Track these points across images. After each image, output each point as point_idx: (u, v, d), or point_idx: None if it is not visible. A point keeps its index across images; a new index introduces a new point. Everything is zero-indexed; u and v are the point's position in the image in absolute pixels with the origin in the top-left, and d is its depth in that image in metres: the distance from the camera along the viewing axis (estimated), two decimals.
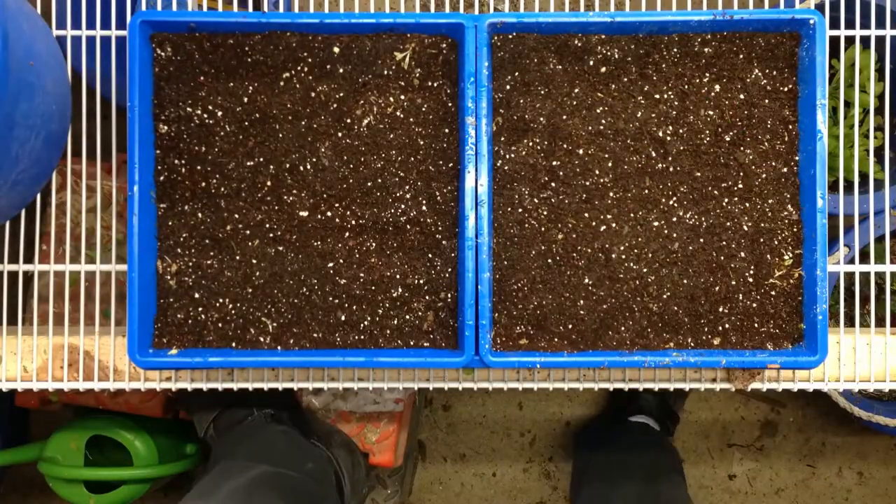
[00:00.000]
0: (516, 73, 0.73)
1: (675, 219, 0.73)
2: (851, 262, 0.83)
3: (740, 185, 0.73)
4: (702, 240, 0.73)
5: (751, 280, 0.73)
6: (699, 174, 0.73)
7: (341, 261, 0.73)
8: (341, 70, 0.73)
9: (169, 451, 1.09)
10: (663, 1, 0.81)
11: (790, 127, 0.73)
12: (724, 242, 0.73)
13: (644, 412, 1.17)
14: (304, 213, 0.73)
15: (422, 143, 0.73)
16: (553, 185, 0.73)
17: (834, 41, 0.78)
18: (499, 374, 0.78)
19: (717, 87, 0.73)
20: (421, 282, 0.73)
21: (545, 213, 0.73)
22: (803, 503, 1.31)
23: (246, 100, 0.73)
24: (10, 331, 0.79)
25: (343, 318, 0.73)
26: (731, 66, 0.73)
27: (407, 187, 0.73)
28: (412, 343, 0.73)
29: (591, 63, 0.73)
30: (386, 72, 0.73)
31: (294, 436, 0.97)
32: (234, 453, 0.91)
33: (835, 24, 0.80)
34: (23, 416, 1.26)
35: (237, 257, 0.73)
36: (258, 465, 0.87)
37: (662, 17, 0.71)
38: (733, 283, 0.73)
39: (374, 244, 0.73)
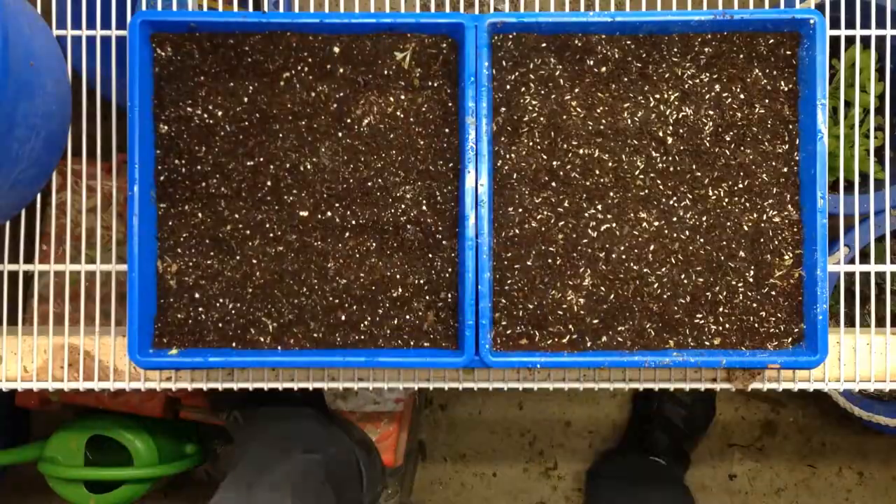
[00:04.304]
0: (516, 73, 0.73)
1: (675, 219, 0.73)
2: (851, 262, 0.83)
3: (740, 185, 0.73)
4: (702, 240, 0.73)
5: (751, 280, 0.72)
6: (699, 174, 0.73)
7: (341, 261, 0.73)
8: (341, 70, 0.73)
9: (169, 451, 1.09)
10: (663, 1, 0.81)
11: (790, 127, 0.73)
12: (724, 242, 0.73)
13: (654, 453, 1.17)
14: (305, 213, 0.73)
15: (422, 143, 0.73)
16: (553, 185, 0.73)
17: (834, 41, 0.78)
18: (499, 374, 0.78)
19: (718, 87, 0.73)
20: (421, 282, 0.73)
21: (545, 213, 0.73)
22: (803, 503, 1.31)
23: (246, 100, 0.73)
24: (10, 331, 0.79)
25: (343, 318, 0.73)
26: (732, 66, 0.73)
27: (407, 187, 0.73)
28: (412, 343, 0.73)
29: (592, 63, 0.73)
30: (386, 72, 0.73)
31: (322, 420, 0.97)
32: (265, 438, 0.91)
33: (835, 24, 0.80)
34: (23, 416, 1.26)
35: (237, 257, 0.73)
36: (293, 451, 0.87)
37: (663, 16, 0.71)
38: (733, 283, 0.72)
39: (374, 244, 0.73)
